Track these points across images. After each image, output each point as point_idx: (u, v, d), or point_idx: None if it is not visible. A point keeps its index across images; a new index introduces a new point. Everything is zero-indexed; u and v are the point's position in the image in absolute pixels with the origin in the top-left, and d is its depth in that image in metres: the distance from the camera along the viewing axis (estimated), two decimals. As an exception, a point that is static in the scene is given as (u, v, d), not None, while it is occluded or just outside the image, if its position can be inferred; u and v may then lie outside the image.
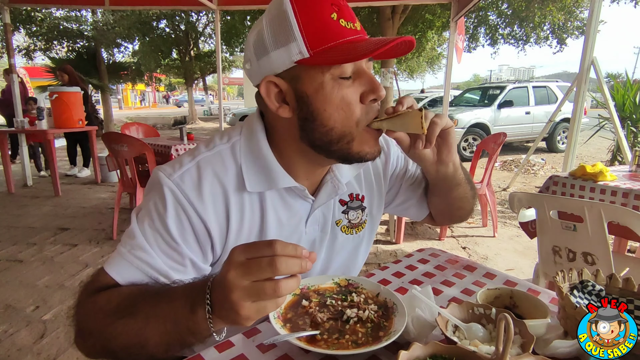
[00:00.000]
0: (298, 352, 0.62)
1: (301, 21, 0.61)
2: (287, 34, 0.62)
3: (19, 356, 1.86)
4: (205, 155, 0.71)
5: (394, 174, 0.93)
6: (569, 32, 11.48)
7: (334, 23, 0.62)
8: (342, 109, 0.65)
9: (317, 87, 0.64)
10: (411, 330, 0.62)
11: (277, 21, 0.63)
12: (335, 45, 0.61)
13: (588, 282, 0.69)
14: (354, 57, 0.60)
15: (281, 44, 0.62)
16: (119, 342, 0.58)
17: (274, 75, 0.66)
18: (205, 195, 0.67)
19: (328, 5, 0.62)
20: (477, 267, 0.92)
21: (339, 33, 0.62)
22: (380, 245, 3.28)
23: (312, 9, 0.61)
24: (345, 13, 0.63)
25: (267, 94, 0.66)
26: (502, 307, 0.69)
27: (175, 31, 15.82)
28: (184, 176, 0.67)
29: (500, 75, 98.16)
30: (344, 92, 0.64)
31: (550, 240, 1.67)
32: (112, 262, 0.66)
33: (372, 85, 0.65)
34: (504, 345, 0.47)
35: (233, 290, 0.48)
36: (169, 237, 0.66)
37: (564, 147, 8.59)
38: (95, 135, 5.53)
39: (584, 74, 3.64)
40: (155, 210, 0.67)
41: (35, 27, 12.08)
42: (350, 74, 0.65)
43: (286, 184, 0.71)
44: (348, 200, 0.84)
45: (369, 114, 0.67)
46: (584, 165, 2.03)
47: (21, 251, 3.12)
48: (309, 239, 0.80)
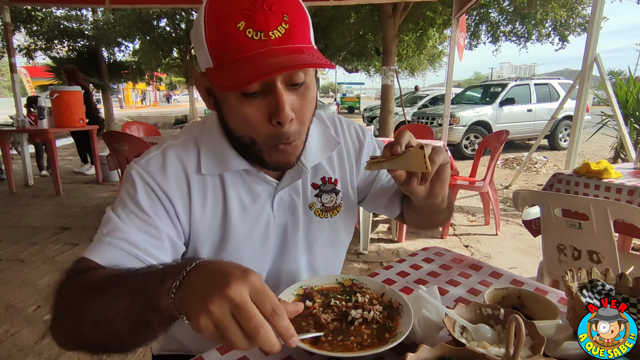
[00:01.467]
0: (302, 354, 0.60)
1: (207, 29, 0.59)
2: (200, 40, 0.61)
3: (20, 356, 1.86)
4: (170, 143, 0.76)
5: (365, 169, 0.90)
6: (571, 29, 11.41)
7: (239, 34, 0.57)
8: (245, 125, 0.65)
9: (223, 97, 0.65)
10: (418, 331, 0.60)
11: (197, 25, 0.62)
12: (232, 60, 0.58)
13: (598, 281, 0.68)
14: (226, 86, 0.57)
15: (198, 47, 0.63)
16: (90, 319, 0.53)
17: (201, 71, 0.67)
18: (169, 176, 0.71)
19: (237, 13, 0.57)
20: (483, 266, 0.91)
21: (241, 47, 0.58)
22: (382, 244, 3.27)
23: (218, 17, 0.58)
24: (256, 21, 0.57)
25: (198, 86, 0.70)
26: (509, 307, 0.68)
27: (176, 30, 15.79)
28: (149, 161, 0.72)
29: (502, 73, 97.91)
30: (245, 111, 0.63)
31: (554, 238, 1.65)
32: (90, 248, 0.65)
33: (275, 109, 0.61)
34: (515, 348, 0.46)
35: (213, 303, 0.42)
36: (143, 214, 0.68)
37: (566, 145, 8.57)
38: (96, 134, 5.52)
39: (586, 71, 3.62)
40: (126, 195, 0.70)
41: (35, 27, 12.06)
42: (258, 89, 0.61)
43: (238, 166, 0.73)
44: (320, 183, 0.84)
45: (276, 134, 0.64)
46: (588, 162, 2.01)
47: (22, 251, 3.12)
48: (280, 222, 0.80)
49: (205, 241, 0.75)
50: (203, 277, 0.45)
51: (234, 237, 0.75)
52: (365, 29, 12.13)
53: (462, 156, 7.89)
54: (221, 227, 0.75)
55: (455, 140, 7.91)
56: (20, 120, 4.93)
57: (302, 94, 0.65)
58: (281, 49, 0.58)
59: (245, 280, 0.43)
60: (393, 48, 7.57)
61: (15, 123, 5.02)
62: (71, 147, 9.76)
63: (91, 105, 5.98)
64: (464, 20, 5.25)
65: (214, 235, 0.75)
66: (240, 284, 0.42)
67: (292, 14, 0.60)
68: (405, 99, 11.74)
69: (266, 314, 0.42)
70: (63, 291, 0.60)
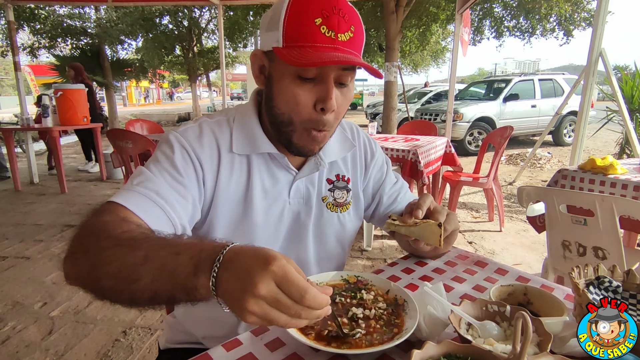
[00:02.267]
0: (307, 350, 0.60)
1: (288, 16, 0.67)
2: (276, 22, 0.69)
3: (27, 352, 1.87)
4: (206, 119, 0.82)
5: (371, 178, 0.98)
6: (576, 23, 11.29)
7: (315, 27, 0.66)
8: (291, 104, 0.72)
9: (279, 76, 0.72)
10: (423, 328, 0.60)
11: (277, 9, 0.70)
12: (303, 46, 0.67)
13: (605, 278, 0.67)
14: (298, 62, 0.65)
15: (271, 28, 0.70)
16: (110, 270, 0.54)
17: (262, 50, 0.75)
18: (204, 145, 0.78)
19: (318, 11, 0.66)
20: (488, 262, 0.91)
21: (312, 37, 0.67)
22: (385, 241, 3.27)
23: (301, 10, 0.67)
24: (330, 21, 0.67)
25: (253, 62, 0.77)
26: (515, 304, 0.68)
27: (178, 27, 15.78)
28: (187, 130, 0.79)
29: (505, 68, 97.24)
30: (296, 91, 0.71)
31: (559, 234, 1.64)
32: (120, 195, 0.68)
33: (324, 96, 0.70)
34: (522, 345, 0.46)
35: (249, 303, 0.45)
36: (175, 172, 0.73)
37: (570, 141, 8.53)
38: (100, 132, 5.54)
39: (592, 66, 3.59)
40: (162, 154, 0.76)
41: (39, 25, 12.08)
42: (314, 76, 0.70)
43: (267, 149, 0.80)
44: (335, 179, 0.91)
45: (314, 119, 0.72)
46: (593, 158, 2.00)
47: (28, 248, 3.14)
48: (294, 209, 0.86)
49: (224, 215, 0.79)
50: (233, 277, 0.47)
51: (253, 216, 0.80)
52: (367, 25, 12.05)
53: (465, 152, 7.86)
54: (242, 203, 0.80)
55: (458, 136, 7.87)
56: (25, 119, 4.95)
57: (345, 93, 0.74)
58: (344, 50, 0.69)
59: (267, 273, 0.45)
60: (396, 44, 7.51)
61: (20, 121, 5.04)
62: (75, 145, 9.81)
63: (94, 104, 6.00)
64: (468, 15, 5.21)
65: (234, 211, 0.80)
66: (265, 279, 0.45)
67: (357, 28, 0.70)
68: (413, 95, 11.69)
69: (295, 300, 0.46)
70: (88, 229, 0.61)
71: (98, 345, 1.92)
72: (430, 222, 0.68)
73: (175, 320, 0.94)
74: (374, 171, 0.98)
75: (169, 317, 0.97)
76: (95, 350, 1.89)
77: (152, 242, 0.56)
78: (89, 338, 1.98)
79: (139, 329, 2.06)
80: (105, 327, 2.07)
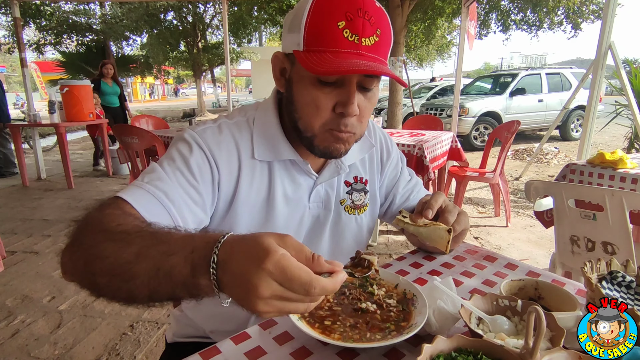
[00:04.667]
0: (316, 344, 0.60)
1: (310, 18, 0.65)
2: (298, 24, 0.67)
3: (36, 345, 1.90)
4: (225, 120, 0.79)
5: (387, 177, 0.97)
6: (584, 16, 11.12)
7: (337, 31, 0.64)
8: (310, 108, 0.70)
9: (299, 79, 0.70)
10: (433, 322, 0.59)
11: (299, 10, 0.67)
12: (324, 50, 0.65)
13: (618, 272, 0.66)
14: (315, 69, 0.63)
15: (293, 30, 0.68)
16: (104, 266, 0.52)
17: (283, 53, 0.73)
18: (222, 149, 0.74)
19: (341, 13, 0.64)
20: (498, 257, 0.90)
21: (334, 41, 0.64)
22: (391, 236, 3.26)
23: (324, 12, 0.64)
24: (354, 25, 0.64)
25: (274, 64, 0.75)
26: (526, 298, 0.67)
27: (183, 23, 15.78)
28: (206, 130, 0.76)
29: (512, 62, 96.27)
30: (316, 95, 0.68)
31: (568, 229, 1.63)
32: (127, 190, 0.65)
33: (345, 100, 0.68)
34: (535, 340, 0.45)
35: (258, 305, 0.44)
36: (190, 175, 0.70)
37: (577, 136, 8.43)
38: (106, 128, 5.56)
39: (600, 59, 3.53)
40: (177, 153, 0.73)
41: (44, 22, 12.15)
42: (335, 80, 0.67)
43: (289, 156, 0.78)
44: (353, 182, 0.90)
45: (335, 121, 0.70)
46: (602, 152, 1.97)
47: (36, 243, 3.17)
48: (313, 214, 0.85)
49: (244, 222, 0.77)
50: (233, 281, 0.45)
51: (274, 222, 0.79)
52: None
53: (471, 147, 7.80)
54: (264, 210, 0.79)
55: (464, 131, 7.82)
56: (32, 115, 4.98)
57: (369, 97, 0.72)
58: (368, 55, 0.66)
59: (264, 274, 0.42)
60: (401, 38, 7.46)
61: (27, 117, 5.07)
62: (82, 140, 9.88)
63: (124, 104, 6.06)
64: (475, 8, 5.14)
65: (255, 217, 0.78)
66: (264, 281, 0.42)
67: (383, 31, 0.67)
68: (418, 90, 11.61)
69: (301, 294, 0.44)
70: (86, 222, 0.59)
71: (106, 339, 1.94)
72: (440, 227, 0.67)
73: (182, 314, 0.94)
74: (389, 170, 0.96)
75: (176, 310, 0.97)
76: (103, 344, 1.90)
77: (145, 238, 0.53)
78: (97, 332, 2.00)
79: (146, 322, 2.07)
80: (112, 320, 2.09)
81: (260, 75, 24.39)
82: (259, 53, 20.26)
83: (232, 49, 16.85)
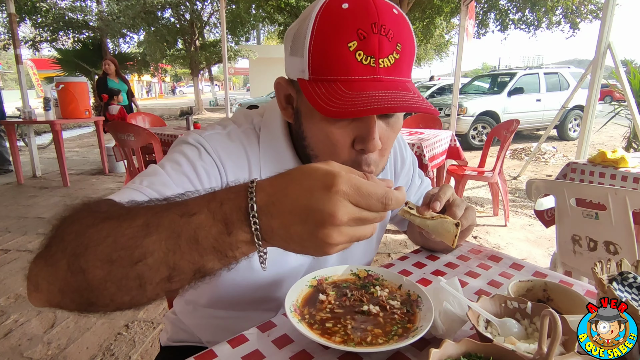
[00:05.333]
0: (316, 348, 0.58)
1: (314, 40, 0.55)
2: (301, 47, 0.57)
3: (29, 345, 1.86)
4: (234, 128, 0.71)
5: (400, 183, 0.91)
6: (583, 16, 11.15)
7: (348, 54, 0.54)
8: (325, 145, 0.61)
9: (308, 111, 0.61)
10: (439, 325, 0.57)
11: (301, 28, 0.58)
12: (334, 80, 0.55)
13: (629, 273, 0.64)
14: (324, 109, 0.53)
15: (295, 52, 0.59)
16: (99, 253, 0.41)
17: (287, 78, 0.64)
18: (232, 157, 0.67)
19: (352, 31, 0.53)
20: (503, 257, 0.87)
21: (346, 68, 0.54)
22: (390, 235, 3.24)
23: (331, 31, 0.54)
24: (369, 45, 0.54)
25: (278, 91, 0.66)
26: (534, 300, 0.64)
27: (180, 21, 15.71)
28: (214, 136, 0.68)
29: (510, 62, 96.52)
30: (330, 131, 0.59)
31: (569, 228, 1.61)
32: (121, 192, 0.57)
33: (365, 135, 0.58)
34: (550, 345, 0.43)
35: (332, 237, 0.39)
36: (198, 181, 0.63)
37: (575, 135, 8.44)
38: (102, 126, 5.51)
39: (599, 59, 3.53)
40: (183, 157, 0.64)
41: (40, 18, 12.05)
42: None
43: None
44: None
45: (355, 160, 0.61)
46: (603, 151, 1.96)
47: (31, 241, 3.13)
48: None
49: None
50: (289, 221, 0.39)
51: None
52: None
53: (469, 147, 7.80)
54: None
55: (462, 130, 7.81)
56: (27, 112, 4.93)
57: (392, 124, 0.63)
58: (388, 80, 0.56)
59: (338, 196, 0.38)
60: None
61: (22, 115, 5.02)
62: (78, 138, 9.82)
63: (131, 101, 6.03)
64: (473, 7, 5.13)
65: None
66: (340, 205, 0.38)
67: (405, 44, 0.57)
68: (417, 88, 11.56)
69: (378, 211, 0.41)
70: (69, 216, 0.47)
71: (100, 339, 1.91)
72: (448, 220, 0.64)
73: (176, 318, 0.90)
74: (402, 176, 0.91)
75: (170, 314, 0.94)
76: (98, 344, 1.87)
77: (152, 208, 0.44)
78: (91, 331, 1.97)
79: (142, 322, 2.04)
80: (107, 320, 2.06)
81: (258, 73, 24.33)
82: (257, 51, 20.20)
83: (230, 47, 16.78)
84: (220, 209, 0.41)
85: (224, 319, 0.80)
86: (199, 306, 0.84)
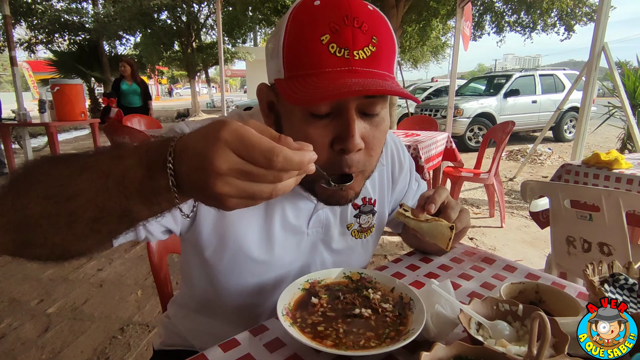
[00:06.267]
0: (308, 351, 0.57)
1: (287, 39, 0.55)
2: (277, 47, 0.56)
3: (23, 350, 1.85)
4: None
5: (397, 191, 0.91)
6: (577, 18, 11.24)
7: (321, 47, 0.53)
8: None
9: (287, 114, 0.60)
10: (431, 328, 0.57)
11: (278, 30, 0.57)
12: (308, 74, 0.54)
13: (620, 275, 0.64)
14: (297, 99, 0.52)
15: (273, 55, 0.58)
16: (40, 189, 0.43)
17: (267, 84, 0.63)
18: None
19: (324, 25, 0.53)
20: (496, 259, 0.87)
21: (320, 61, 0.53)
22: (385, 237, 3.24)
23: (303, 27, 0.54)
24: (342, 37, 0.53)
25: (260, 98, 0.65)
26: (526, 302, 0.64)
27: (177, 23, 15.69)
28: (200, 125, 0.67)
29: (505, 64, 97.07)
30: (309, 131, 0.57)
31: (564, 230, 1.61)
32: None
33: (343, 134, 0.56)
34: (539, 348, 0.43)
35: (217, 186, 0.38)
36: None
37: (571, 137, 8.49)
38: (98, 128, 5.49)
39: (594, 61, 3.55)
40: None
41: (36, 20, 12.01)
42: (329, 110, 0.56)
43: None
44: (361, 204, 0.81)
45: (335, 162, 0.59)
46: (598, 152, 1.96)
47: (25, 244, 3.11)
48: (312, 240, 0.77)
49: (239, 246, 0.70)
50: (190, 166, 0.39)
51: (274, 249, 0.73)
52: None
53: (465, 148, 7.82)
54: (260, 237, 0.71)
55: (458, 132, 7.83)
56: (22, 114, 4.90)
57: (377, 124, 0.60)
58: (364, 71, 0.54)
59: (220, 143, 0.37)
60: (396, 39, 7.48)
61: (17, 117, 4.99)
62: (73, 140, 9.77)
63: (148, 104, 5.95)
64: (469, 9, 5.16)
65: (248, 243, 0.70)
66: (220, 151, 0.37)
67: (381, 37, 0.56)
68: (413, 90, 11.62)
69: (263, 167, 0.38)
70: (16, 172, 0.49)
71: (95, 343, 1.89)
72: (443, 223, 0.64)
73: (170, 322, 0.89)
74: (400, 181, 0.90)
75: (164, 317, 0.93)
76: (92, 348, 1.86)
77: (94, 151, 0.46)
78: (86, 335, 1.95)
79: (137, 326, 2.03)
80: (102, 324, 2.04)
81: (254, 75, 24.32)
82: (254, 53, 20.18)
83: (227, 49, 16.77)
84: (146, 155, 0.42)
85: (215, 325, 0.80)
86: (191, 311, 0.83)
